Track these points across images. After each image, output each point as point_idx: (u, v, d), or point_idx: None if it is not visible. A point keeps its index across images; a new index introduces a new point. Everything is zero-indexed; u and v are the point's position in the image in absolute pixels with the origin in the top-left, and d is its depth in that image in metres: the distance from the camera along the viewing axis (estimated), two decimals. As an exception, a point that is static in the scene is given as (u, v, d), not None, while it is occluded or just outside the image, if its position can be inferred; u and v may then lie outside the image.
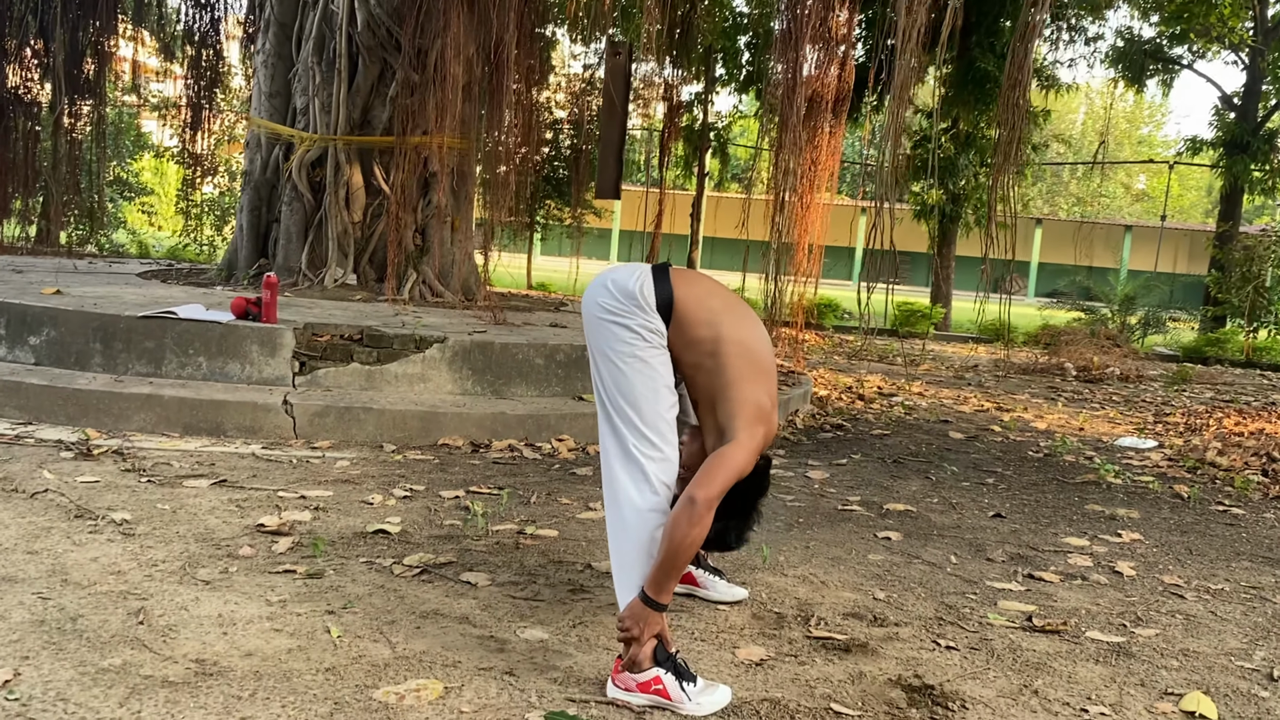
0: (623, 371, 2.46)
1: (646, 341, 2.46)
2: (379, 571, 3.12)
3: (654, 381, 2.46)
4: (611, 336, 2.49)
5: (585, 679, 2.45)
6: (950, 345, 14.95)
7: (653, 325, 2.47)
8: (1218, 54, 19.62)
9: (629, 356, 2.46)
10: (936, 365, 11.49)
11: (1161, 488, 5.28)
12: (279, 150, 7.52)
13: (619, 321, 2.48)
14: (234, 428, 4.74)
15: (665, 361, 2.50)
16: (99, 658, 2.38)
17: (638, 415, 2.44)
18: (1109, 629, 3.08)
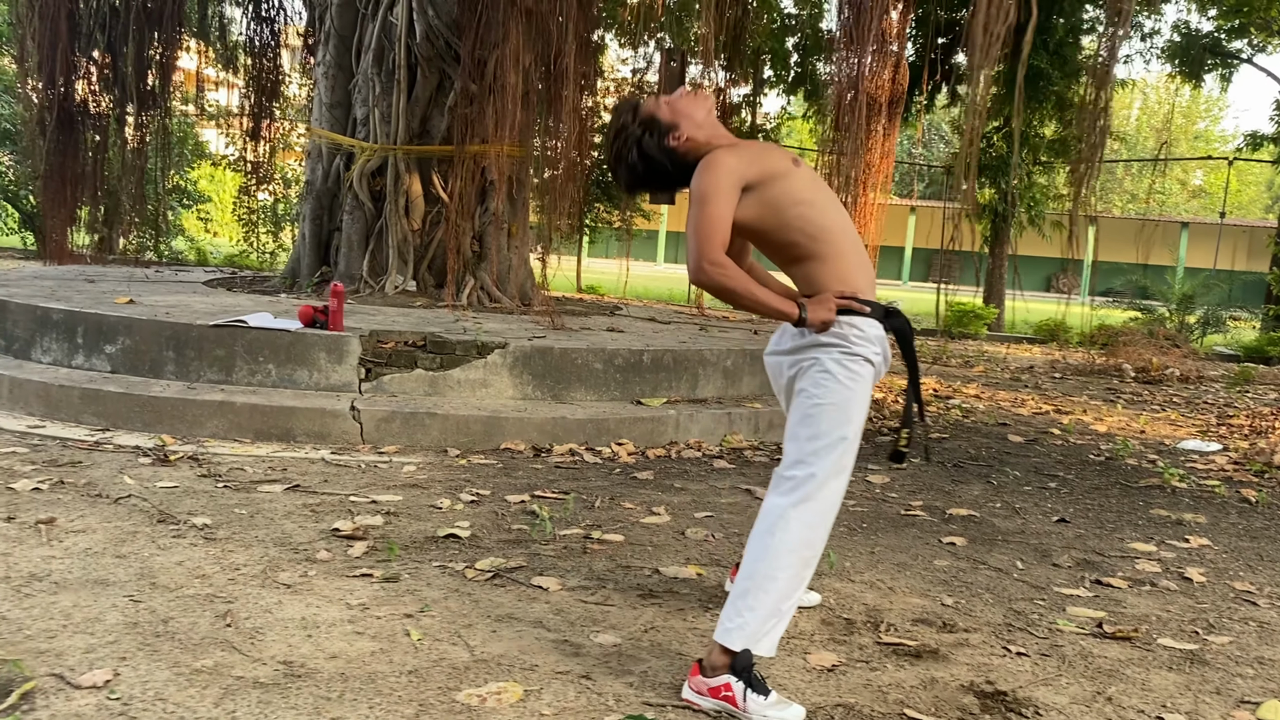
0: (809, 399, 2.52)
1: (844, 368, 2.52)
2: (452, 575, 3.19)
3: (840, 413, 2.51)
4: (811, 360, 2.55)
5: (660, 684, 2.50)
6: (1004, 346, 14.79)
7: (849, 332, 2.54)
8: (1279, 47, 19.23)
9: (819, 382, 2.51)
10: (991, 367, 11.39)
11: (1228, 492, 5.22)
12: (340, 160, 7.67)
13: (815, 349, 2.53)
14: (303, 433, 4.85)
15: (858, 398, 2.54)
16: (192, 659, 2.47)
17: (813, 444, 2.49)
18: (1181, 636, 3.07)
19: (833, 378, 2.45)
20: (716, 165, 2.48)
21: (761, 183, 2.50)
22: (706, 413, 5.53)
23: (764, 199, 2.50)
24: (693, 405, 5.67)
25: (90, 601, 2.77)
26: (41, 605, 2.72)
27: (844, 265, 2.54)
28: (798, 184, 2.53)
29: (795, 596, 2.44)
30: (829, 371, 2.46)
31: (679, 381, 5.79)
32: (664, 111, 2.61)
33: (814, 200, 2.54)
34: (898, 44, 6.97)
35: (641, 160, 2.63)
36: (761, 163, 2.52)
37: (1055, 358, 13.00)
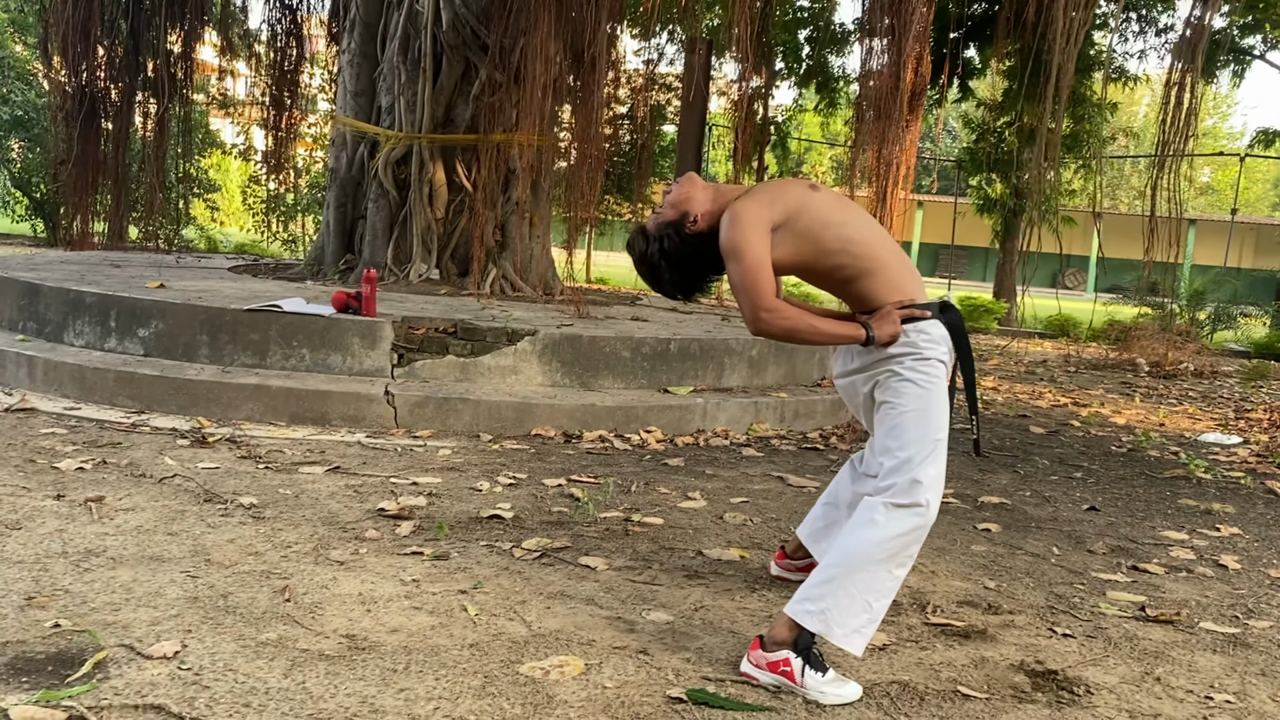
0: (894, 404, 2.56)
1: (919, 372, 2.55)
2: (500, 554, 3.23)
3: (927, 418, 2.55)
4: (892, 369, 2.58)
5: (717, 659, 2.54)
6: (1016, 340, 14.82)
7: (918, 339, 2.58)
8: (1292, 44, 19.21)
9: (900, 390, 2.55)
10: (1005, 360, 11.42)
11: (1254, 484, 5.25)
12: (364, 148, 7.70)
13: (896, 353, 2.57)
14: (338, 417, 4.89)
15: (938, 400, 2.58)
16: (255, 632, 2.51)
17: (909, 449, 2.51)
18: (1222, 620, 3.10)
19: (912, 384, 2.49)
20: (738, 216, 2.51)
21: (788, 219, 2.52)
22: (733, 401, 5.57)
23: (795, 232, 2.52)
24: (719, 394, 5.70)
25: (149, 577, 2.82)
26: (102, 580, 2.77)
27: (892, 274, 2.57)
28: (824, 208, 2.56)
29: (887, 599, 2.43)
30: (907, 379, 2.49)
31: (705, 370, 5.83)
32: (667, 214, 2.66)
33: (845, 220, 2.56)
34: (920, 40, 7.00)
35: (679, 266, 2.68)
36: (782, 200, 2.54)
37: (1068, 352, 13.02)
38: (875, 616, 2.42)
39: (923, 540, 2.46)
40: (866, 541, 2.41)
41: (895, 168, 5.42)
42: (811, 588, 2.43)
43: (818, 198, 2.58)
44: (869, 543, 2.40)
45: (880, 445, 2.53)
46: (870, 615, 2.40)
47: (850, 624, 2.38)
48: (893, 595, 2.45)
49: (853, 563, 2.40)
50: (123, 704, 2.09)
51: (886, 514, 2.41)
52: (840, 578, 2.40)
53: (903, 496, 2.41)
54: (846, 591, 2.38)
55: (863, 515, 2.46)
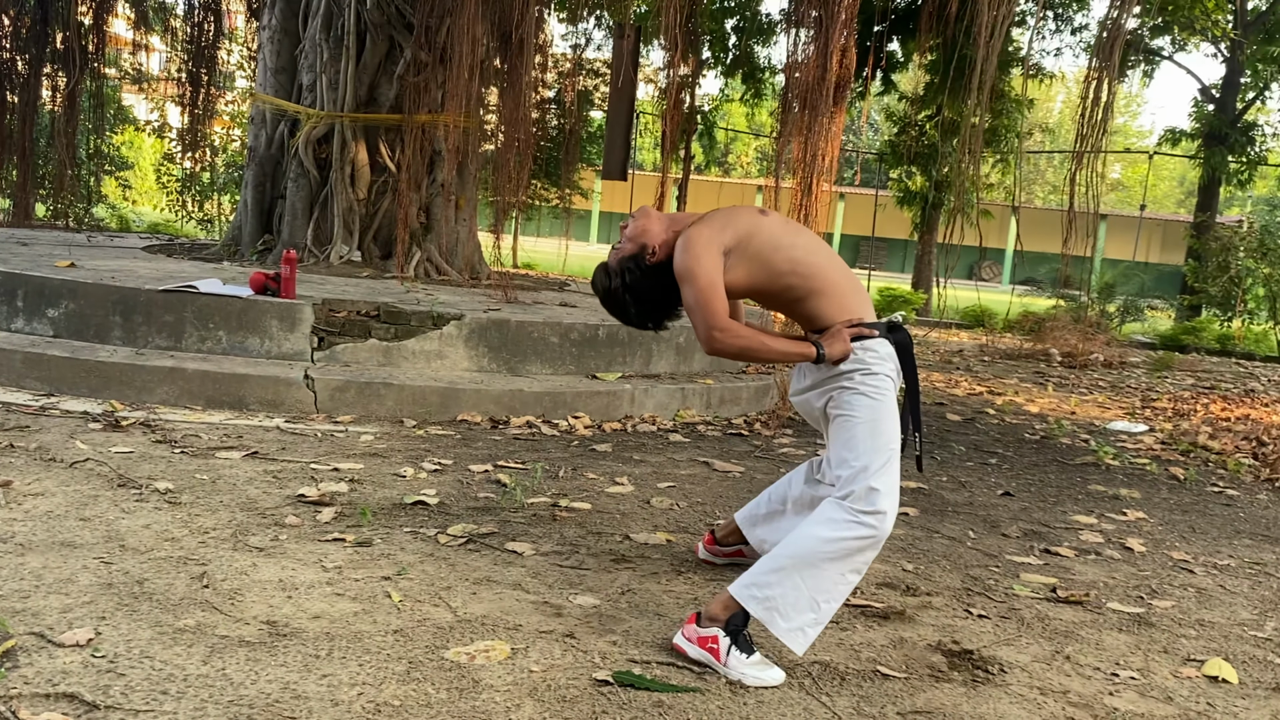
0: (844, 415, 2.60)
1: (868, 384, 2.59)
2: (425, 540, 3.20)
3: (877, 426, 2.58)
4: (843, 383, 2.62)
5: (643, 642, 2.55)
6: (933, 330, 15.13)
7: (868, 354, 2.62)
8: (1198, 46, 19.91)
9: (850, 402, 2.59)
10: (923, 349, 11.65)
11: (1158, 470, 5.45)
12: (284, 126, 7.54)
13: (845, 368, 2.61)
14: (256, 401, 4.79)
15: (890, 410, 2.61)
16: (173, 619, 2.46)
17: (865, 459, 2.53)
18: (1128, 600, 3.22)
19: (863, 397, 2.53)
20: (691, 241, 2.57)
21: (739, 243, 2.59)
22: (661, 388, 5.60)
23: (747, 256, 2.59)
24: (647, 380, 5.72)
25: (60, 563, 2.73)
26: (10, 567, 2.68)
27: (841, 295, 2.63)
28: (774, 232, 2.62)
29: (835, 603, 2.46)
30: (859, 393, 2.54)
31: (633, 357, 5.84)
32: (626, 248, 2.71)
33: (794, 242, 2.63)
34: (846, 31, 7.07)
35: (643, 298, 2.73)
36: (733, 225, 2.61)
37: (983, 342, 13.35)
38: (821, 619, 2.44)
39: (878, 549, 2.49)
40: (821, 538, 2.43)
41: (820, 159, 5.48)
42: (761, 574, 2.45)
43: (767, 222, 2.65)
44: (824, 539, 2.43)
45: (836, 457, 2.56)
46: (817, 616, 2.43)
47: (796, 620, 2.41)
48: (841, 601, 2.47)
49: (805, 557, 2.43)
50: (33, 693, 2.03)
51: (845, 517, 2.44)
52: (791, 569, 2.43)
53: (862, 503, 2.44)
54: (795, 584, 2.41)
55: (821, 514, 2.49)
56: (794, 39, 5.19)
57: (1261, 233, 16.39)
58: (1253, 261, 15.86)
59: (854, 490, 2.46)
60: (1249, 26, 18.25)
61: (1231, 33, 18.34)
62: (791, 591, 2.41)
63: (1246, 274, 16.02)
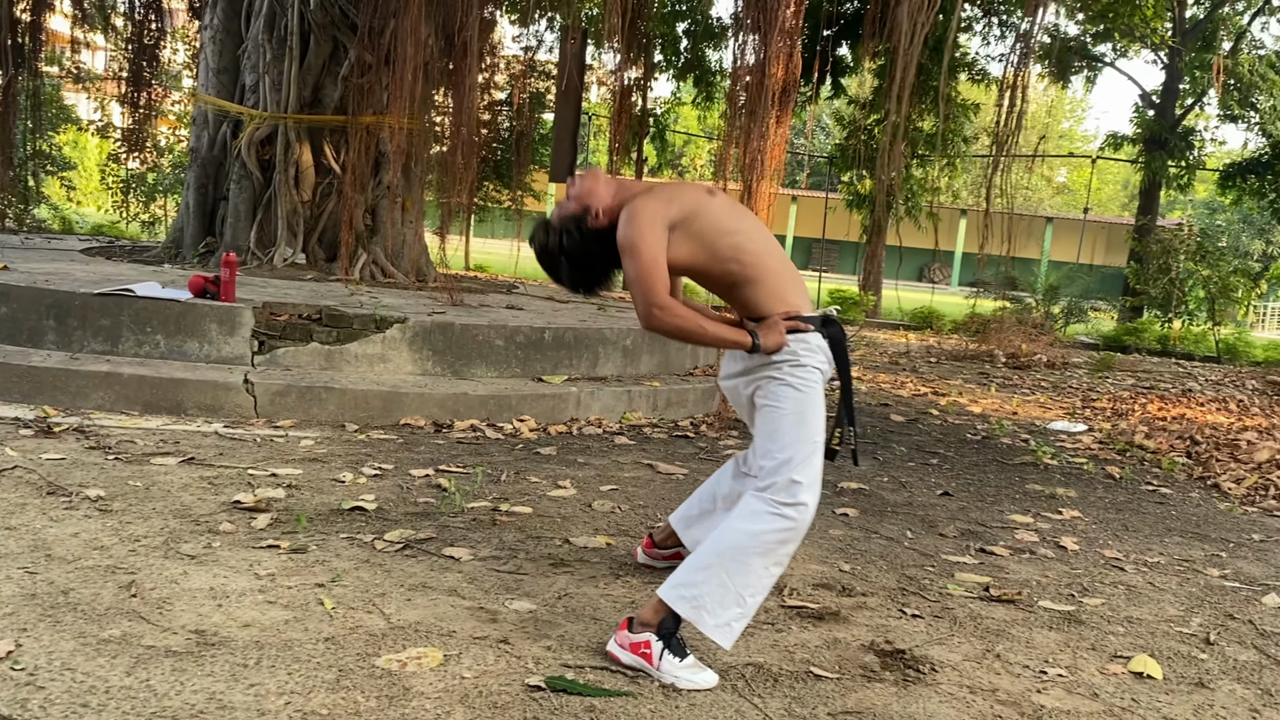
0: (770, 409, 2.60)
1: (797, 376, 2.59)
2: (361, 547, 3.18)
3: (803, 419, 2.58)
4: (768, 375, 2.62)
5: (578, 646, 2.55)
6: (881, 332, 15.29)
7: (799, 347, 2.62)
8: (1139, 53, 20.31)
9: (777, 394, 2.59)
10: (871, 351, 11.77)
11: (1095, 469, 5.55)
12: (227, 127, 7.44)
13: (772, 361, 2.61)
14: (195, 406, 4.73)
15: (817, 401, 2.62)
16: (98, 629, 2.41)
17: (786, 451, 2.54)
18: (1059, 598, 3.28)
19: (790, 389, 2.54)
20: (637, 213, 2.53)
21: (684, 219, 2.55)
22: (607, 390, 5.60)
23: (690, 234, 2.55)
24: (593, 383, 5.72)
25: (-18, 573, 2.68)
26: (-71, 577, 2.62)
27: (779, 284, 2.62)
28: (720, 214, 2.60)
29: (760, 595, 2.48)
30: (786, 384, 2.55)
31: (579, 359, 5.84)
32: (569, 206, 2.65)
33: (739, 228, 2.61)
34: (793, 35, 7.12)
35: (578, 261, 2.66)
36: (680, 200, 2.58)
37: (930, 343, 13.50)
38: (747, 612, 2.46)
39: (799, 540, 2.52)
40: (744, 533, 2.45)
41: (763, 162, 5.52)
42: (687, 573, 2.47)
43: (715, 203, 2.62)
44: (746, 534, 2.45)
45: (760, 448, 2.58)
46: (742, 610, 2.45)
47: (722, 615, 2.43)
48: (766, 593, 2.50)
49: (729, 553, 2.44)
50: (-53, 708, 1.99)
51: (766, 509, 2.46)
52: (716, 566, 2.44)
53: (783, 495, 2.47)
54: (720, 581, 2.42)
55: (744, 509, 2.51)
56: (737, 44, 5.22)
57: (1200, 236, 16.76)
58: (1192, 264, 16.19)
59: (776, 482, 2.48)
60: (1187, 34, 18.65)
61: (1170, 40, 18.73)
62: (718, 589, 2.42)
63: (1187, 275, 16.35)
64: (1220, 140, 28.40)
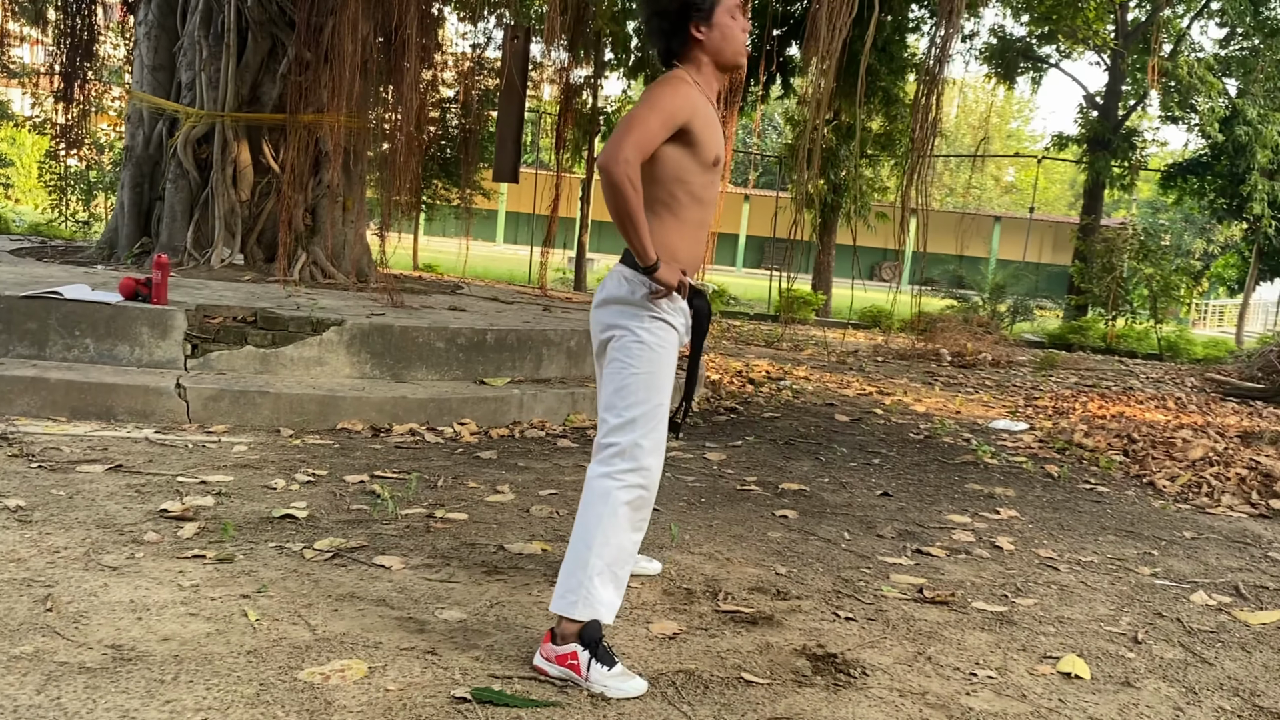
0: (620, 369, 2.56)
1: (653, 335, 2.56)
2: (290, 556, 3.12)
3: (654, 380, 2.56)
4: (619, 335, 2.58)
5: (507, 656, 2.52)
6: (831, 331, 15.38)
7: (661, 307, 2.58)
8: (1082, 54, 20.64)
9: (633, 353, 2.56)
10: (820, 350, 11.83)
11: (1034, 468, 5.61)
12: (162, 125, 7.29)
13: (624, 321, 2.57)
14: (125, 411, 4.62)
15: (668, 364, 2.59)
16: (9, 645, 2.34)
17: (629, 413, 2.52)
18: (992, 599, 3.30)
19: (646, 347, 2.53)
20: (679, 90, 2.51)
21: (693, 132, 2.53)
22: (550, 392, 5.56)
23: (686, 143, 2.53)
24: (536, 385, 5.68)
25: (-111, 589, 2.59)
26: None
27: (692, 237, 2.63)
28: (712, 152, 2.59)
29: (631, 563, 2.54)
30: (642, 341, 2.53)
31: (522, 361, 5.79)
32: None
33: (712, 180, 2.63)
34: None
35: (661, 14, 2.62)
36: (704, 116, 2.56)
37: (878, 342, 13.61)
38: (622, 582, 2.51)
39: (652, 501, 2.55)
40: (601, 516, 2.46)
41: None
42: (567, 577, 2.46)
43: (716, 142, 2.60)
44: (604, 515, 2.46)
45: (606, 401, 2.57)
46: (618, 584, 2.49)
47: (606, 598, 2.45)
48: (634, 556, 2.55)
49: (597, 540, 2.45)
50: None
51: (614, 486, 2.47)
52: (587, 555, 2.44)
53: (627, 462, 2.48)
54: (596, 569, 2.43)
55: (593, 492, 2.51)
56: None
57: (1143, 235, 17.07)
58: (1135, 262, 16.49)
59: (618, 444, 2.50)
60: (1129, 37, 18.98)
61: (1112, 43, 19.05)
62: (596, 578, 2.44)
63: (1131, 274, 16.64)
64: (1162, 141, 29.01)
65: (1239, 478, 5.41)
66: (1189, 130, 19.75)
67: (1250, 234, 18.35)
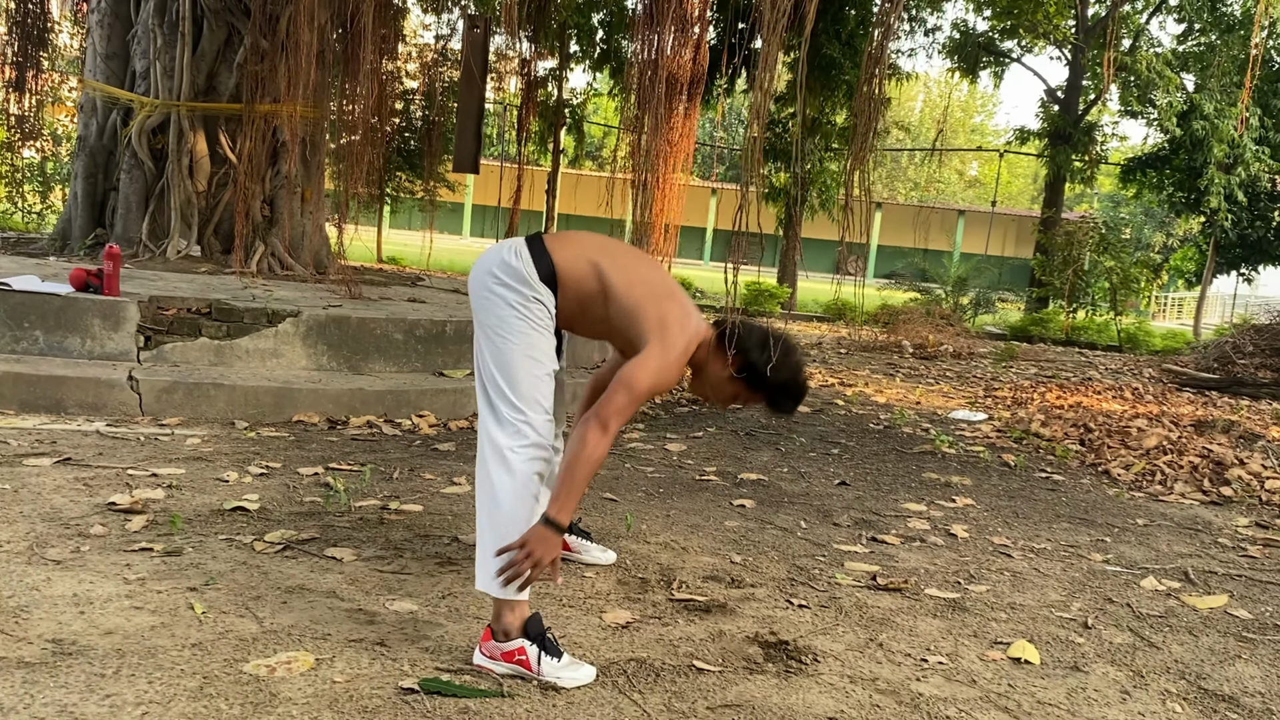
0: (502, 345, 2.50)
1: (530, 316, 2.51)
2: (240, 548, 3.08)
3: (534, 354, 2.51)
4: (496, 310, 2.53)
5: (457, 648, 2.50)
6: (796, 324, 15.44)
7: (539, 297, 2.52)
8: (1043, 49, 20.82)
9: (511, 331, 2.50)
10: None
11: (991, 457, 5.66)
12: (116, 115, 7.18)
13: (504, 297, 2.52)
14: (75, 404, 4.55)
15: (548, 339, 2.56)
16: (-55, 641, 2.29)
17: (513, 389, 2.49)
18: (945, 586, 3.32)
19: (525, 322, 2.51)
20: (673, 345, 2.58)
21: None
22: (508, 383, 5.53)
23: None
24: (494, 376, 5.65)
25: None
26: None
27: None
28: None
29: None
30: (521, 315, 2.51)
31: (480, 352, 5.76)
32: None
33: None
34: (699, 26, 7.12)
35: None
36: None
37: (842, 335, 13.67)
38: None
39: (550, 463, 2.56)
40: (505, 493, 2.44)
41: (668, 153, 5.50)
42: (483, 560, 2.43)
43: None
44: (508, 493, 2.44)
45: (486, 371, 2.54)
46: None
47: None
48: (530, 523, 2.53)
49: (500, 518, 2.44)
50: None
51: (510, 459, 2.45)
52: (497, 533, 2.43)
53: (515, 438, 2.46)
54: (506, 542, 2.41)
55: (485, 473, 2.49)
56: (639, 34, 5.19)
57: (1104, 228, 17.27)
58: (1096, 255, 16.67)
59: (503, 414, 2.48)
60: (1089, 32, 19.17)
61: (1073, 37, 19.24)
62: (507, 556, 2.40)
63: (1093, 266, 16.82)
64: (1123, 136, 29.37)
65: (1191, 466, 5.49)
66: (1148, 125, 19.99)
67: (1207, 227, 18.62)
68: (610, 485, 4.24)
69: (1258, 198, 18.07)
